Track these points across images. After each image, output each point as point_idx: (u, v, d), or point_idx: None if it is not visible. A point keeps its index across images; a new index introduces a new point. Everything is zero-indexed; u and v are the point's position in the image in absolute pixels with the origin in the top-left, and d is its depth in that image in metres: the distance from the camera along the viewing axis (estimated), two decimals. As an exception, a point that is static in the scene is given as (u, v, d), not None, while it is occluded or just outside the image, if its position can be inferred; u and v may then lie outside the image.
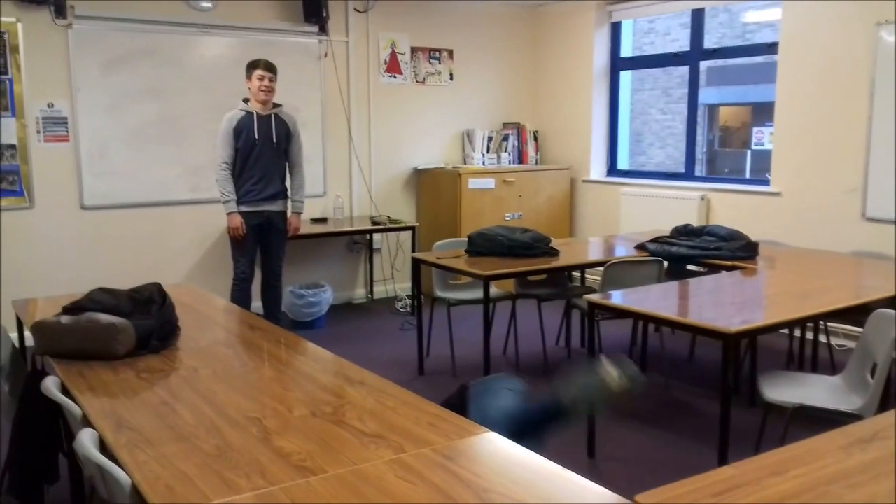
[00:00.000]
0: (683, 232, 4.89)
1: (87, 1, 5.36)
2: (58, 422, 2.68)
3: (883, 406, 2.93)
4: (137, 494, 1.73)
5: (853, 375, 3.14)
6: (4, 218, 5.26)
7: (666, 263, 4.72)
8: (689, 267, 5.00)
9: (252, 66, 5.03)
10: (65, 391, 2.38)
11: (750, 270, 4.19)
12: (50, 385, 2.35)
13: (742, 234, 4.65)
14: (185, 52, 5.80)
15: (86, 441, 1.90)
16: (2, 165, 5.22)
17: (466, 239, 4.88)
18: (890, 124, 4.99)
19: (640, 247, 4.83)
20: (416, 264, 4.90)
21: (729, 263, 4.36)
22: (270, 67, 5.02)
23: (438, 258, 4.64)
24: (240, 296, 5.12)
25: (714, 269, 4.52)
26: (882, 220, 5.07)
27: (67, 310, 2.76)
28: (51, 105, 5.35)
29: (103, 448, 1.95)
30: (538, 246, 4.63)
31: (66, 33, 5.34)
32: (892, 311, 2.97)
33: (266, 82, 4.99)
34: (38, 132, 5.33)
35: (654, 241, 4.84)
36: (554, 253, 4.68)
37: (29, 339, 2.80)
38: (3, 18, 5.12)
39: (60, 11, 5.28)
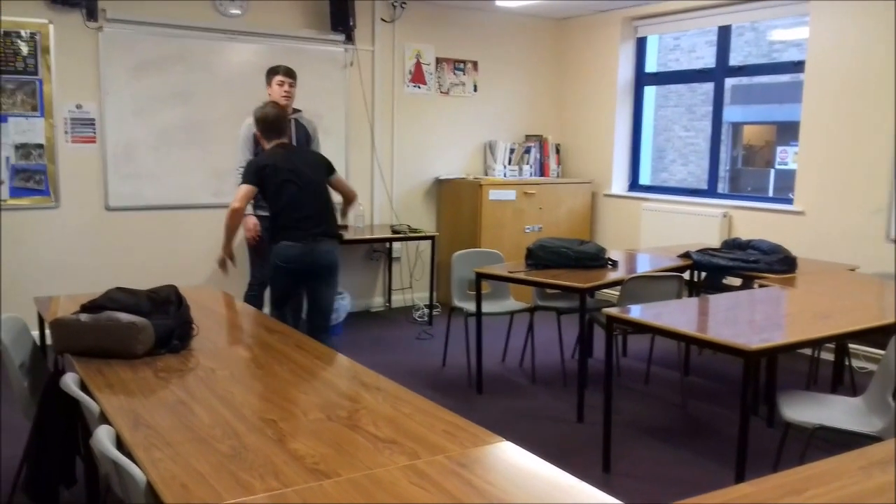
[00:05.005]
0: (732, 245, 5.00)
1: (119, 3, 5.44)
2: (76, 423, 2.70)
3: (904, 429, 2.89)
4: (152, 492, 1.74)
5: (874, 397, 3.09)
6: (30, 217, 5.33)
7: (704, 274, 4.92)
8: (728, 281, 5.03)
9: (272, 71, 5.07)
10: (84, 389, 2.40)
11: (779, 286, 4.16)
12: (69, 381, 2.37)
13: (782, 248, 4.72)
14: (213, 58, 5.86)
15: (103, 438, 1.91)
16: (29, 165, 5.29)
17: (495, 250, 4.85)
18: (917, 145, 4.94)
19: (685, 255, 4.93)
20: (479, 278, 4.67)
21: (763, 276, 4.41)
22: (290, 73, 5.05)
23: (511, 272, 4.54)
24: (253, 300, 5.14)
25: (749, 282, 4.52)
26: (907, 242, 5.02)
27: (86, 308, 2.78)
28: (79, 106, 5.42)
29: (120, 445, 1.96)
30: (602, 257, 4.65)
31: (96, 36, 5.41)
32: (916, 334, 2.93)
33: (286, 87, 5.03)
34: (66, 133, 5.40)
35: (701, 251, 4.93)
36: (614, 264, 4.69)
37: (49, 336, 2.83)
38: (35, 20, 5.20)
39: (92, 14, 5.36)
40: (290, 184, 4.20)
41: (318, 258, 4.28)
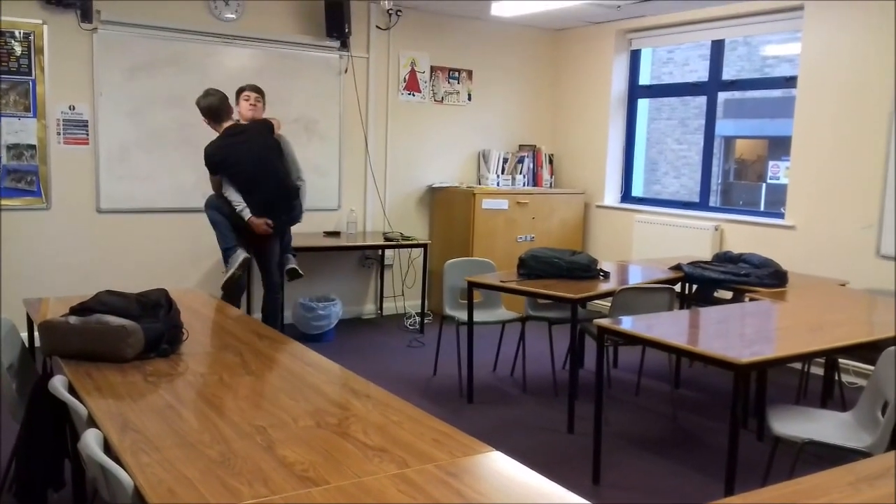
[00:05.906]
0: (723, 258, 5.01)
1: (113, 5, 5.43)
2: (64, 426, 2.68)
3: (893, 444, 2.90)
4: (139, 497, 1.73)
5: (864, 413, 3.10)
6: (20, 217, 5.31)
7: (695, 286, 4.92)
8: (718, 294, 5.05)
9: (239, 90, 5.17)
10: (72, 391, 2.39)
11: (770, 299, 4.17)
12: (57, 384, 2.35)
13: (773, 262, 4.74)
14: (207, 62, 5.86)
15: (90, 441, 1.90)
16: (21, 165, 5.27)
17: (489, 259, 4.84)
18: (908, 162, 4.97)
19: (676, 267, 4.92)
20: (471, 287, 4.66)
21: (754, 289, 4.42)
22: (256, 88, 5.17)
23: (503, 281, 4.53)
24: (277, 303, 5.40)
25: (739, 296, 4.53)
26: (897, 257, 5.04)
27: (75, 310, 2.76)
28: (72, 108, 5.40)
29: (107, 449, 1.94)
30: (594, 268, 4.65)
31: (90, 37, 5.40)
32: (905, 350, 2.94)
33: (252, 101, 5.12)
34: (59, 134, 5.38)
35: (692, 264, 4.93)
36: (606, 275, 4.68)
37: (38, 338, 2.81)
38: (29, 20, 5.19)
39: (86, 15, 5.34)
40: (247, 165, 4.91)
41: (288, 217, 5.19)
